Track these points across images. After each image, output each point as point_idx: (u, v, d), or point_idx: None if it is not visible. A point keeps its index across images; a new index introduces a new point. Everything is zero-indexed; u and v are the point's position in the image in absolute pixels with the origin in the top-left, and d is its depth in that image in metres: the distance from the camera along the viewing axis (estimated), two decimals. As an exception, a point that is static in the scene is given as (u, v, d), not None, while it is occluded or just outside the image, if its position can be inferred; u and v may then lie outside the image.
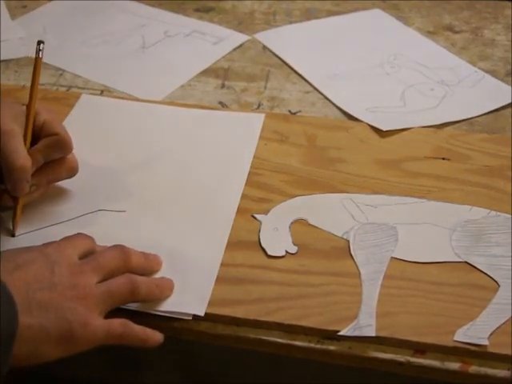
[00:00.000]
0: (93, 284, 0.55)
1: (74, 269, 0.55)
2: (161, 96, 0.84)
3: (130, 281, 0.56)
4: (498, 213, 0.66)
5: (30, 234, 0.65)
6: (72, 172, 0.68)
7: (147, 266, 0.60)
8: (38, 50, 0.68)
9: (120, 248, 0.59)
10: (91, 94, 0.84)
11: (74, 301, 0.53)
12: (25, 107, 0.66)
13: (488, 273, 0.61)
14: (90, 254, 0.58)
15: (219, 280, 0.60)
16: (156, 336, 0.55)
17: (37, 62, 0.68)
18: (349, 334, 0.56)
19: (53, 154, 0.66)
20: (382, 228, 0.65)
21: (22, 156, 0.62)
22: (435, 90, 0.84)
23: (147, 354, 0.76)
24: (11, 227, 0.64)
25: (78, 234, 0.60)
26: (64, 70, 0.89)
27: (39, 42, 0.68)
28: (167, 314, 0.58)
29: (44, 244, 0.57)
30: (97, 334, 0.53)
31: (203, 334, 0.58)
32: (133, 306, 0.58)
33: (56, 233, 0.65)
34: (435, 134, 0.76)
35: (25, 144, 0.64)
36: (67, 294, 0.53)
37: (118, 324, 0.54)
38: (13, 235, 0.64)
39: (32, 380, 0.71)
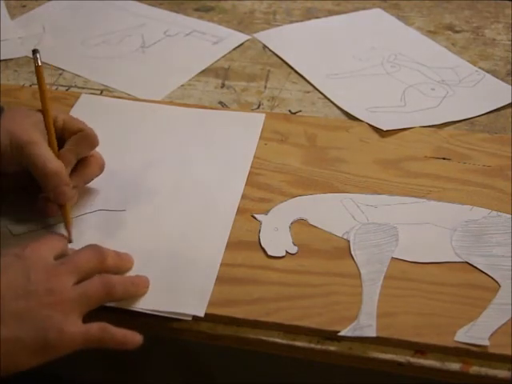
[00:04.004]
0: (69, 287, 0.54)
1: (49, 272, 0.54)
2: (161, 96, 0.84)
3: (106, 281, 0.56)
4: (499, 213, 0.66)
5: (29, 234, 0.65)
6: (102, 168, 0.68)
7: (121, 264, 0.60)
8: (36, 59, 0.67)
9: (95, 248, 0.58)
10: (91, 93, 0.84)
11: (50, 307, 0.52)
12: (41, 113, 0.66)
13: (488, 273, 0.60)
14: (64, 254, 0.58)
15: (219, 280, 0.60)
16: (136, 338, 0.55)
17: (38, 71, 0.67)
18: (349, 334, 0.56)
19: (83, 151, 0.65)
20: (383, 228, 0.65)
21: (51, 161, 0.62)
22: (436, 89, 0.84)
23: (147, 354, 0.76)
24: (66, 234, 0.63)
25: (53, 234, 0.60)
26: (64, 70, 0.89)
27: (34, 51, 0.67)
28: (167, 315, 0.58)
29: (21, 246, 0.56)
30: (74, 340, 0.52)
31: (203, 334, 0.58)
32: (132, 307, 0.58)
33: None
34: (435, 133, 0.76)
35: (53, 150, 0.64)
36: (43, 300, 0.52)
37: (97, 328, 0.54)
38: (70, 241, 0.63)
39: (32, 380, 0.71)
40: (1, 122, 0.63)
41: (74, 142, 0.65)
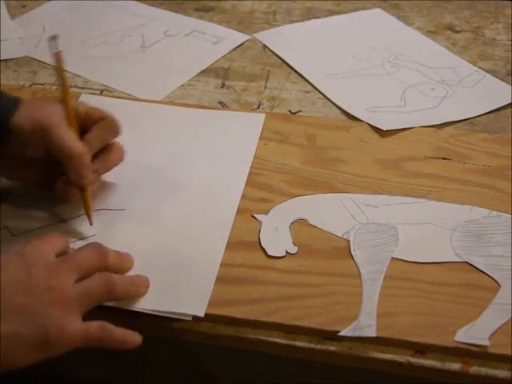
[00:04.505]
0: (70, 285, 0.54)
1: (51, 270, 0.54)
2: (161, 96, 0.84)
3: (107, 280, 0.56)
4: (499, 213, 0.66)
5: (30, 233, 0.65)
6: (122, 156, 0.68)
7: (122, 264, 0.60)
8: (55, 45, 0.67)
9: (96, 246, 0.59)
10: (91, 93, 0.84)
11: (50, 305, 0.52)
12: (61, 104, 0.66)
13: (488, 273, 0.60)
14: (65, 252, 0.58)
15: (219, 280, 0.60)
16: (135, 338, 0.55)
17: (57, 57, 0.67)
18: (349, 334, 0.56)
19: (106, 138, 0.66)
20: (383, 228, 0.65)
21: (75, 143, 0.63)
22: (436, 89, 0.84)
23: (147, 354, 0.76)
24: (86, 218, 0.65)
25: (53, 233, 0.60)
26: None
27: (53, 38, 0.67)
28: (167, 315, 0.58)
29: (22, 244, 0.56)
30: (74, 338, 0.53)
31: (203, 334, 0.58)
32: (132, 307, 0.58)
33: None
34: (435, 133, 0.76)
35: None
36: (44, 298, 0.52)
37: (96, 327, 0.54)
38: (91, 224, 0.65)
39: (33, 379, 0.71)
40: (22, 109, 0.64)
41: (98, 129, 0.66)
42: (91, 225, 0.65)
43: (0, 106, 0.64)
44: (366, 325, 0.56)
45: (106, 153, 0.67)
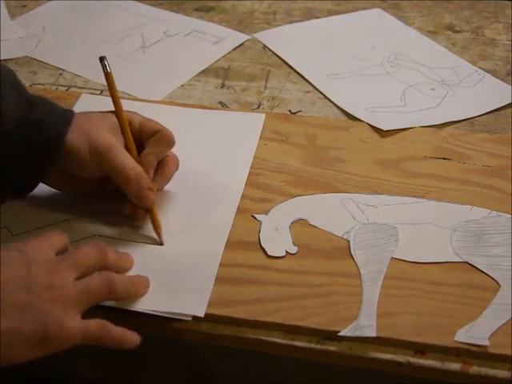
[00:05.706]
0: (70, 283, 0.54)
1: (50, 267, 0.54)
2: (161, 96, 0.84)
3: (107, 279, 0.56)
4: (499, 213, 0.66)
5: (30, 233, 0.65)
6: (178, 165, 0.68)
7: (121, 264, 0.60)
8: (104, 66, 0.67)
9: (97, 245, 0.58)
10: (91, 93, 0.84)
11: (50, 302, 0.52)
12: (115, 115, 0.66)
13: (488, 273, 0.60)
14: (64, 251, 0.58)
15: (219, 280, 0.60)
16: (134, 338, 0.55)
17: (108, 78, 0.67)
18: (349, 334, 0.56)
19: (162, 152, 0.66)
20: (383, 228, 0.65)
21: (131, 166, 0.62)
22: (436, 89, 0.84)
23: (147, 354, 0.76)
24: (155, 236, 0.64)
25: (53, 231, 0.60)
26: (64, 70, 0.89)
27: (101, 59, 0.67)
28: (167, 315, 0.58)
29: (21, 241, 0.56)
30: (73, 336, 0.53)
31: (203, 334, 0.58)
32: (132, 307, 0.58)
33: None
34: (435, 133, 0.76)
35: (132, 154, 0.64)
36: (44, 295, 0.52)
37: (95, 325, 0.54)
38: (161, 244, 0.64)
39: (32, 378, 0.71)
40: (77, 125, 0.64)
41: (154, 144, 0.65)
42: (162, 244, 0.64)
43: (53, 124, 0.63)
44: (365, 325, 0.56)
45: (162, 166, 0.67)
